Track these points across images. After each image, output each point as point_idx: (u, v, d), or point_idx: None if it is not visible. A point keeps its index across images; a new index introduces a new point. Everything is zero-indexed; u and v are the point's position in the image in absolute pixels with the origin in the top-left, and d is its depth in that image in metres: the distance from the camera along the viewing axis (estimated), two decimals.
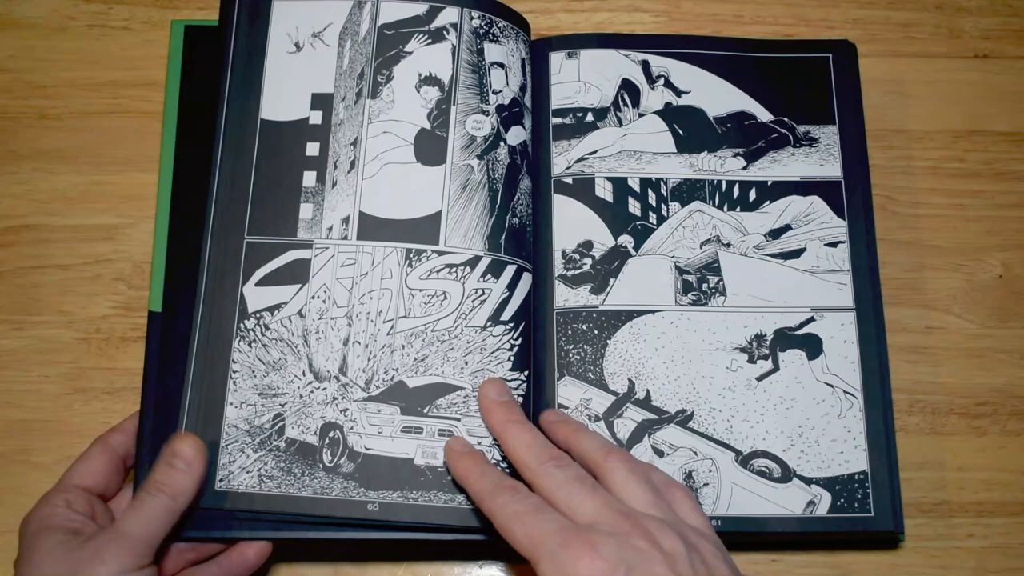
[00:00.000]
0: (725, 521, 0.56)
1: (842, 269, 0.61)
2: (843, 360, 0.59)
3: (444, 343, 0.57)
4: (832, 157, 0.63)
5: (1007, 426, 0.62)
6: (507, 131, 0.61)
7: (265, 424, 0.55)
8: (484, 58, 0.61)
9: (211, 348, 0.56)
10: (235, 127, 0.59)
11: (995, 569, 0.60)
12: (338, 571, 0.59)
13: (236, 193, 0.58)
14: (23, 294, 0.63)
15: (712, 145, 0.63)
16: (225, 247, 0.57)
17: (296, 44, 0.61)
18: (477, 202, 0.59)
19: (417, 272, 0.58)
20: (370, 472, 0.54)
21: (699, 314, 0.60)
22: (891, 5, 0.71)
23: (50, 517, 0.50)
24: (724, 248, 0.61)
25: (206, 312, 0.57)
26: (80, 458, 0.54)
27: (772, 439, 0.58)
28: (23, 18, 0.69)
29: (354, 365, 0.57)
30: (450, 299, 0.57)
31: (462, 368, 0.56)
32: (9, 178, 0.66)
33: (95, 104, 0.67)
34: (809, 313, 0.60)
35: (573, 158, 0.63)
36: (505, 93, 0.61)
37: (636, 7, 0.70)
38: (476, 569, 0.59)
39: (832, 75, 0.64)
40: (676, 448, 0.57)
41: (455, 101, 0.60)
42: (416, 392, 0.56)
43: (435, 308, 0.57)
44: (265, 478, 0.54)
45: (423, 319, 0.57)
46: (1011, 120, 0.68)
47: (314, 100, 0.60)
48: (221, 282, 0.57)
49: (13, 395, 0.62)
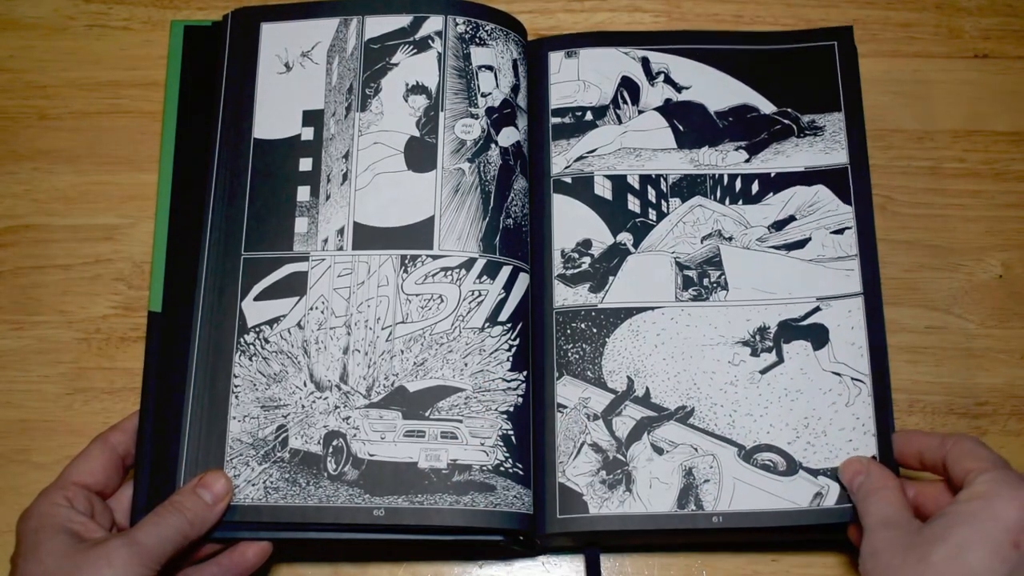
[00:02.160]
0: (727, 517, 0.56)
1: (849, 255, 0.60)
2: (851, 347, 0.59)
3: (443, 346, 0.57)
4: (838, 144, 0.63)
5: (1007, 426, 0.62)
6: (498, 133, 0.61)
7: (268, 436, 0.56)
8: (471, 62, 0.61)
9: (212, 364, 0.57)
10: (229, 148, 0.60)
11: None
12: (338, 571, 0.59)
13: (232, 211, 0.59)
14: (23, 294, 0.63)
15: (713, 139, 0.63)
16: (223, 264, 0.58)
17: (286, 64, 0.62)
18: (470, 205, 0.59)
19: (412, 277, 0.58)
20: (375, 478, 0.55)
21: (700, 309, 0.60)
22: (891, 5, 0.71)
23: (52, 515, 0.50)
24: (726, 242, 0.61)
25: (205, 328, 0.57)
26: (80, 455, 0.54)
27: (777, 432, 0.58)
28: (23, 18, 0.69)
29: (355, 373, 0.57)
30: (447, 302, 0.57)
31: (462, 370, 0.56)
32: (9, 178, 0.66)
33: (95, 104, 0.67)
34: (815, 303, 0.60)
35: (572, 157, 0.63)
36: (495, 95, 0.61)
37: (636, 7, 0.70)
38: (476, 569, 0.59)
39: (837, 62, 0.64)
40: (676, 445, 0.57)
41: (443, 107, 0.61)
42: (417, 396, 0.56)
43: (432, 312, 0.57)
44: (271, 490, 0.55)
45: (421, 323, 0.57)
46: (1011, 120, 0.68)
47: (305, 117, 0.61)
48: (220, 299, 0.58)
49: (13, 395, 0.62)
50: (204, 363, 0.57)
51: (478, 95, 0.61)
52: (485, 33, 0.62)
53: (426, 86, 0.61)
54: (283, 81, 0.62)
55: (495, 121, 0.61)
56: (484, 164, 0.60)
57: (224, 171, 0.60)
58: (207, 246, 0.58)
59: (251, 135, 0.61)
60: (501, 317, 0.57)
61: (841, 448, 0.57)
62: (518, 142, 0.62)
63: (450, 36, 0.62)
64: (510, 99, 0.62)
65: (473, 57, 0.62)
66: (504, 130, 0.61)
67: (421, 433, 0.55)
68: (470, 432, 0.55)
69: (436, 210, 0.59)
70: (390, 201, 0.59)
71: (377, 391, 0.56)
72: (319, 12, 0.63)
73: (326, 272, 0.58)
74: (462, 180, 0.60)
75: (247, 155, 0.60)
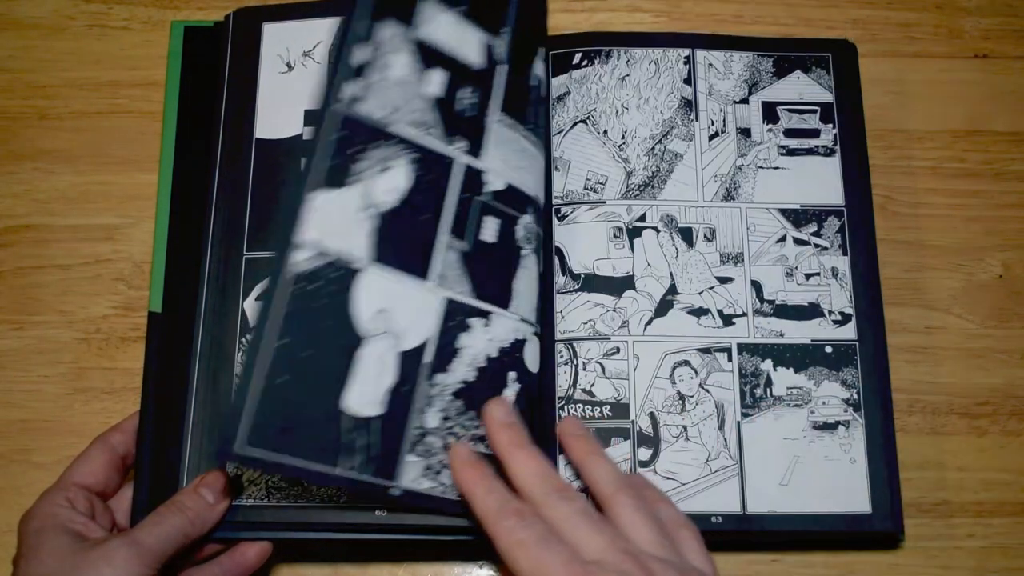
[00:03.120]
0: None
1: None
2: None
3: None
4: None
5: (1007, 426, 0.62)
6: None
7: None
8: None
9: (214, 363, 0.57)
10: (231, 148, 0.60)
11: (995, 569, 0.60)
12: (338, 571, 0.59)
13: (234, 212, 0.59)
14: (23, 294, 0.63)
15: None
16: (225, 264, 0.58)
17: (287, 64, 0.62)
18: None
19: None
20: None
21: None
22: (891, 5, 0.71)
23: (54, 516, 0.50)
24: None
25: (207, 329, 0.57)
26: (80, 456, 0.54)
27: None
28: (23, 18, 0.69)
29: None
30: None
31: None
32: (9, 178, 0.66)
33: (95, 104, 0.67)
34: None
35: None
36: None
37: (636, 7, 0.70)
38: (476, 569, 0.59)
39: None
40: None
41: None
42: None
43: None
44: (273, 490, 0.55)
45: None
46: (1011, 120, 0.68)
47: (307, 116, 0.61)
48: (222, 299, 0.58)
49: (13, 395, 0.62)
50: (206, 363, 0.57)
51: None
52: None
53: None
54: (285, 81, 0.62)
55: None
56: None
57: (226, 171, 0.60)
58: (209, 246, 0.58)
59: (253, 135, 0.60)
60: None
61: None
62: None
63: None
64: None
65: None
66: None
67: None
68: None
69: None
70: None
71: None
72: (321, 11, 0.63)
73: None
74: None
75: (249, 155, 0.60)
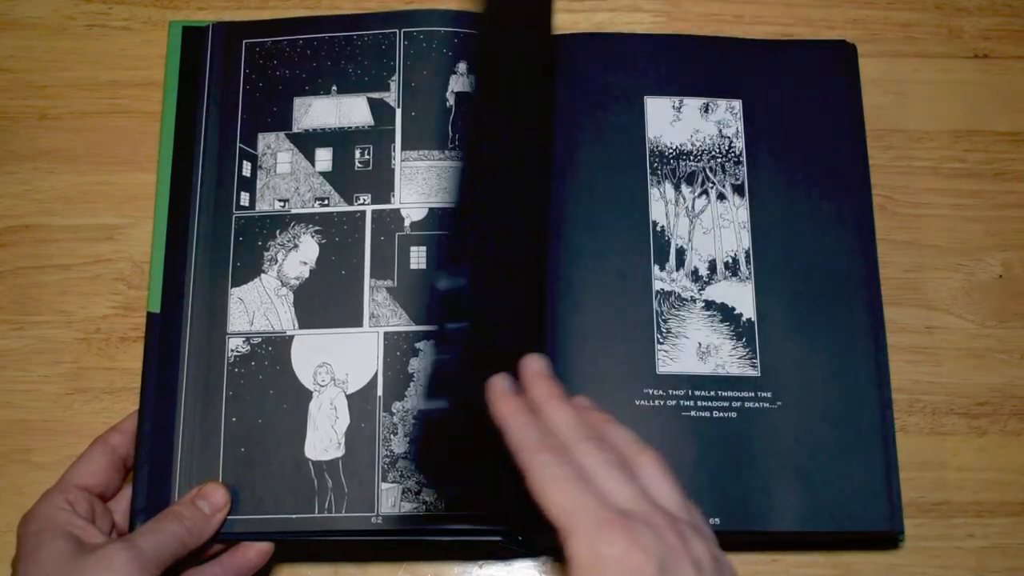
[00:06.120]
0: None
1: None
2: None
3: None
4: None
5: (1007, 426, 0.62)
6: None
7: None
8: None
9: (202, 394, 0.57)
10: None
11: (995, 569, 0.60)
12: (338, 571, 0.59)
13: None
14: (23, 294, 0.63)
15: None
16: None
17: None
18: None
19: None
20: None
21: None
22: (891, 5, 0.71)
23: (54, 518, 0.50)
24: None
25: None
26: (80, 458, 0.54)
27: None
28: (23, 18, 0.69)
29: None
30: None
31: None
32: (9, 178, 0.66)
33: (95, 104, 0.67)
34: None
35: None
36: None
37: (636, 7, 0.70)
38: (476, 569, 0.59)
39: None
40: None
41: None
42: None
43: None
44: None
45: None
46: (1011, 120, 0.68)
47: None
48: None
49: (13, 395, 0.62)
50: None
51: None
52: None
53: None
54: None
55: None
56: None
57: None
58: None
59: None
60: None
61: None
62: None
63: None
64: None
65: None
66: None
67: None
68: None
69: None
70: None
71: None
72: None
73: None
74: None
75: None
